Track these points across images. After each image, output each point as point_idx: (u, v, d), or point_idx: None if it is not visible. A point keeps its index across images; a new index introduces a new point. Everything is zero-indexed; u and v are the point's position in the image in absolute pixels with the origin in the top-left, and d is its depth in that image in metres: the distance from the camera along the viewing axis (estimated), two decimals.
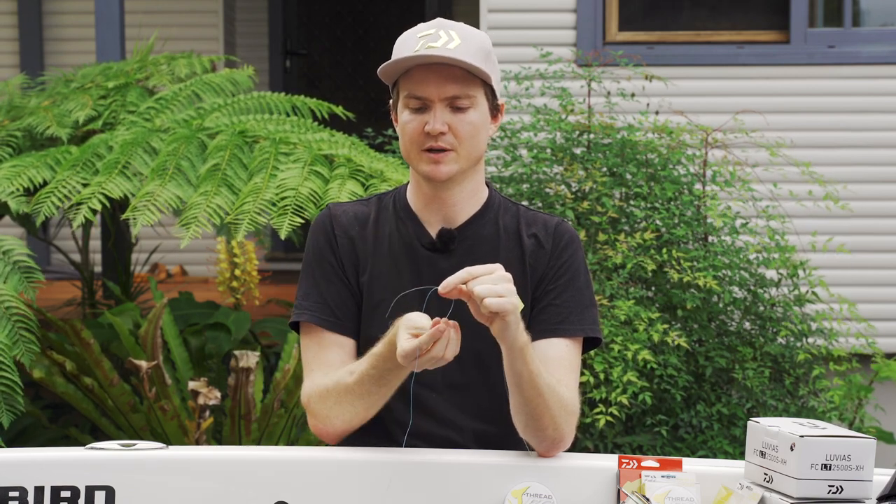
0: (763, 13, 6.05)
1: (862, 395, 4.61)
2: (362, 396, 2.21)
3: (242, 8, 7.87)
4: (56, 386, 4.09)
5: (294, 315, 2.33)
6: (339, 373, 2.24)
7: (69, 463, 2.14)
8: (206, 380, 3.92)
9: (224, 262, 5.13)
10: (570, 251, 2.33)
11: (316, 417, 2.26)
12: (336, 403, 2.23)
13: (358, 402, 2.21)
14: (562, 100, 4.77)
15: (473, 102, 2.25)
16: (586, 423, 4.07)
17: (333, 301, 2.31)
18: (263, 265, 6.62)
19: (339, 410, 2.23)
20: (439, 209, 2.33)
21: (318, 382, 2.26)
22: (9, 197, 3.85)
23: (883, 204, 5.76)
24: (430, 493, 2.14)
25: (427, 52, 2.21)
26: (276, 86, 7.94)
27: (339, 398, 2.22)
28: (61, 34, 7.22)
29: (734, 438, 4.22)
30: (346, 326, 2.29)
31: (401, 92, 2.28)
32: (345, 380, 2.22)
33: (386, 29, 8.51)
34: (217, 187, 3.83)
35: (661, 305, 4.39)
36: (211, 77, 4.70)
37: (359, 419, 2.24)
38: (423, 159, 2.26)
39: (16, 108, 4.63)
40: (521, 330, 2.09)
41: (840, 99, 5.81)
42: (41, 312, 4.10)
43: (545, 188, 4.56)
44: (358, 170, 3.95)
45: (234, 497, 2.14)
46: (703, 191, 4.61)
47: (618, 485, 2.13)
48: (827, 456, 1.95)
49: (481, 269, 2.04)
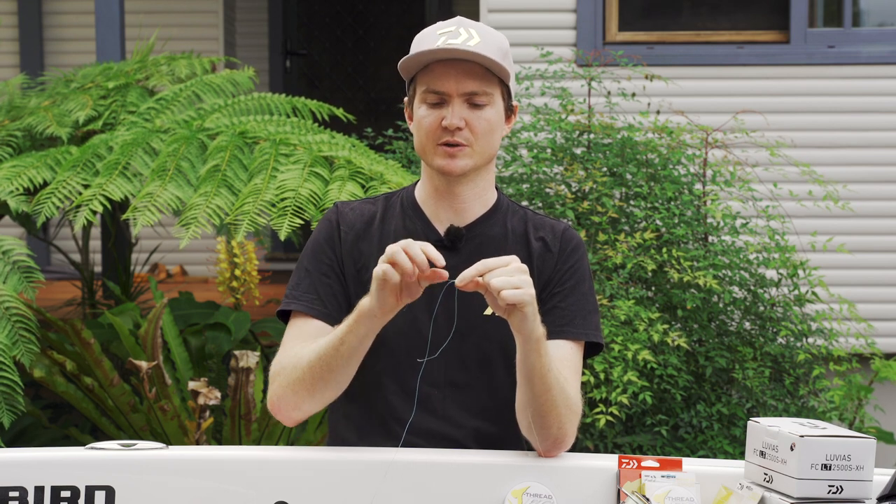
0: (763, 13, 6.05)
1: (862, 396, 4.61)
2: (321, 367, 2.18)
3: (242, 8, 7.87)
4: (56, 386, 4.09)
5: (283, 304, 2.34)
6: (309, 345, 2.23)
7: (69, 463, 2.14)
8: (206, 380, 3.92)
9: (224, 263, 5.13)
10: (576, 256, 2.35)
11: (271, 388, 2.25)
12: (294, 370, 2.21)
13: (313, 372, 2.19)
14: (562, 100, 4.77)
15: (491, 100, 2.26)
16: (586, 423, 4.07)
17: (324, 293, 2.31)
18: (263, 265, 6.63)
19: (295, 378, 2.21)
20: (449, 206, 2.34)
21: (289, 353, 2.25)
22: (8, 196, 3.85)
23: (883, 204, 5.76)
24: (430, 493, 2.14)
25: (448, 47, 2.21)
26: (276, 86, 7.94)
27: (298, 366, 2.21)
28: (61, 34, 7.22)
29: (734, 438, 4.22)
30: (334, 318, 2.29)
31: (418, 87, 2.28)
32: (311, 348, 2.21)
33: (386, 29, 8.51)
34: (217, 188, 3.83)
35: (661, 305, 4.39)
36: (211, 78, 4.70)
37: (306, 391, 2.21)
38: (438, 153, 2.27)
39: (16, 108, 4.63)
40: (538, 322, 2.09)
41: (840, 99, 5.82)
42: (41, 312, 4.10)
43: (545, 188, 4.56)
44: (358, 172, 3.95)
45: (234, 497, 2.14)
46: (703, 191, 4.61)
47: (618, 485, 2.13)
48: (827, 456, 1.95)
49: (497, 262, 2.04)
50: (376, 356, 2.28)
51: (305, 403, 2.23)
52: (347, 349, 2.15)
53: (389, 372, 2.30)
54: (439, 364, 2.26)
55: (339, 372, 2.19)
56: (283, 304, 2.33)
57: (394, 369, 2.30)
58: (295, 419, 2.27)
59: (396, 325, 2.20)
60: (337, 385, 2.21)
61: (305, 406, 2.24)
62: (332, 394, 2.23)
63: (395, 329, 2.23)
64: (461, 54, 2.22)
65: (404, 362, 2.29)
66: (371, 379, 2.31)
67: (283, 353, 2.27)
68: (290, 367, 2.22)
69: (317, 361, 2.18)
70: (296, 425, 2.35)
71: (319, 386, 2.20)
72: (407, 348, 2.28)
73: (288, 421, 2.27)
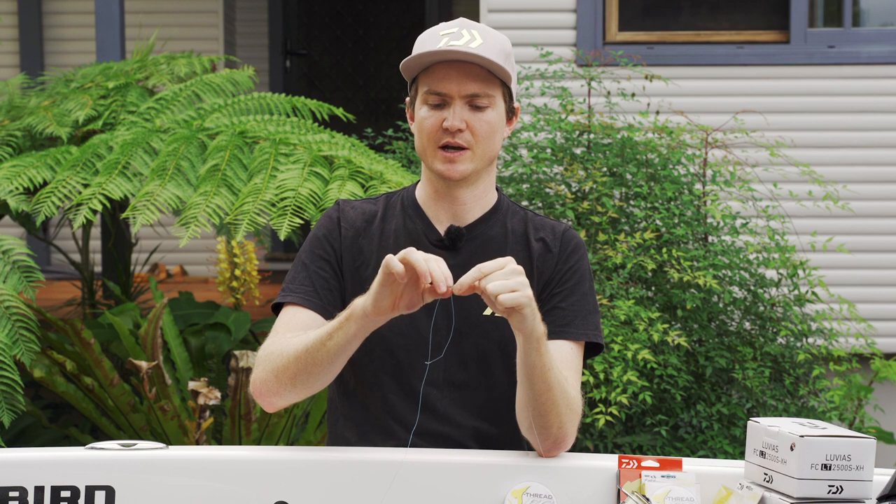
0: (763, 13, 6.05)
1: (862, 396, 4.61)
2: (306, 359, 2.17)
3: (242, 8, 7.87)
4: (56, 386, 4.09)
5: (279, 297, 2.33)
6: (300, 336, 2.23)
7: (69, 463, 2.13)
8: (206, 380, 3.92)
9: (224, 262, 5.13)
10: (576, 256, 2.35)
11: (255, 371, 2.24)
12: (279, 357, 2.20)
13: (298, 364, 2.18)
14: (562, 100, 4.77)
15: (492, 102, 2.27)
16: (586, 423, 4.07)
17: (321, 286, 2.31)
18: (263, 265, 6.63)
19: (280, 365, 2.20)
20: (449, 207, 2.34)
21: (278, 340, 2.24)
22: (8, 196, 3.85)
23: (883, 204, 5.76)
24: (430, 493, 2.14)
25: (450, 48, 2.21)
26: (276, 85, 7.94)
27: (284, 354, 2.20)
28: (61, 34, 7.22)
29: (734, 438, 4.22)
30: (328, 311, 2.28)
31: (420, 88, 2.28)
32: (300, 339, 2.19)
33: (386, 29, 8.51)
34: (217, 188, 3.83)
35: (661, 305, 4.39)
36: (211, 77, 4.70)
37: (289, 381, 2.20)
38: (438, 157, 2.27)
39: (16, 108, 4.63)
40: (538, 321, 2.09)
41: (840, 99, 5.82)
42: (41, 312, 4.10)
43: (545, 188, 4.56)
44: (358, 171, 3.95)
45: (234, 497, 2.14)
46: (703, 191, 4.61)
47: (618, 485, 2.13)
48: (827, 456, 1.95)
49: (492, 265, 2.03)
50: (375, 355, 2.29)
51: (286, 392, 2.22)
52: (335, 345, 2.14)
53: (388, 371, 2.30)
54: (438, 364, 2.26)
55: (324, 367, 2.17)
56: (279, 297, 2.33)
57: (393, 368, 2.30)
58: (275, 406, 2.26)
59: (395, 324, 2.19)
60: (319, 380, 2.20)
61: (286, 394, 2.23)
62: (313, 387, 2.22)
63: (394, 328, 2.23)
64: (463, 56, 2.22)
65: (403, 361, 2.29)
66: (370, 378, 2.31)
67: (272, 338, 2.27)
68: (276, 354, 2.21)
69: (303, 353, 2.17)
70: (275, 411, 2.34)
71: (302, 377, 2.19)
72: (406, 347, 2.29)
73: (268, 406, 2.27)
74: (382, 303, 2.06)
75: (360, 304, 2.10)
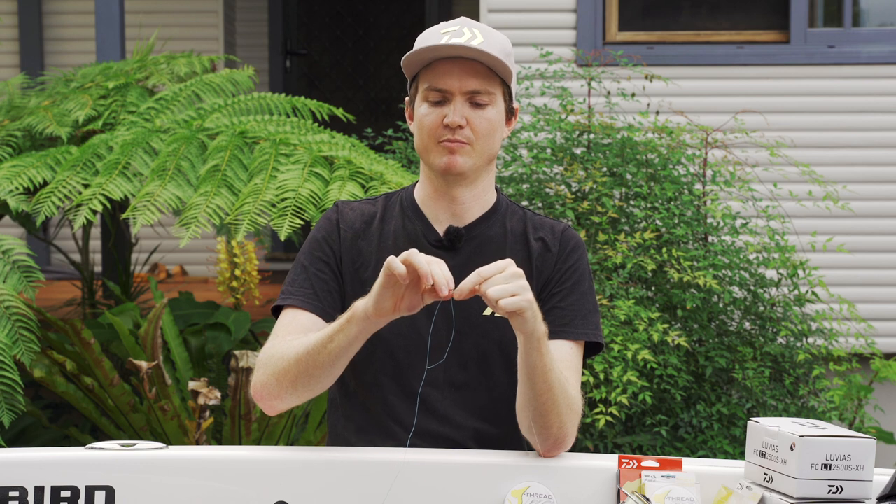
0: (763, 13, 6.05)
1: (862, 396, 4.61)
2: (307, 362, 2.16)
3: (242, 8, 7.87)
4: (56, 386, 4.09)
5: (279, 299, 2.33)
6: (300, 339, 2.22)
7: (69, 463, 2.13)
8: (206, 380, 3.92)
9: (224, 262, 5.13)
10: (576, 256, 2.35)
11: (256, 374, 2.24)
12: (280, 360, 2.20)
13: (299, 366, 2.17)
14: (562, 100, 4.77)
15: (492, 100, 2.27)
16: (586, 423, 4.07)
17: (320, 288, 2.31)
18: (263, 265, 6.63)
19: (281, 367, 2.19)
20: (448, 206, 2.34)
21: (279, 343, 2.24)
22: (8, 196, 3.85)
23: (883, 204, 5.76)
24: (430, 493, 2.14)
25: (452, 44, 2.22)
26: (276, 86, 7.94)
27: (285, 357, 2.19)
28: (61, 34, 7.22)
29: (734, 438, 4.22)
30: (328, 314, 2.28)
31: (420, 85, 2.28)
32: (300, 341, 2.19)
33: (386, 29, 8.51)
34: (217, 188, 3.83)
35: (661, 305, 4.39)
36: (211, 77, 4.70)
37: (290, 384, 2.19)
38: (438, 150, 2.26)
39: (16, 108, 4.63)
40: (538, 321, 2.09)
41: (840, 99, 5.82)
42: (41, 312, 4.10)
43: (545, 188, 4.56)
44: (358, 171, 3.95)
45: (234, 497, 2.14)
46: (703, 191, 4.61)
47: (618, 485, 2.13)
48: (827, 456, 1.95)
49: (492, 269, 2.03)
50: (375, 357, 2.29)
51: (287, 395, 2.21)
52: (336, 348, 2.14)
53: (388, 372, 2.30)
54: (439, 365, 2.26)
55: (324, 370, 2.17)
56: (279, 299, 2.33)
57: (393, 369, 2.30)
58: (277, 409, 2.25)
59: (395, 325, 2.19)
60: (320, 382, 2.20)
61: (287, 397, 2.22)
62: (315, 390, 2.21)
63: (394, 330, 2.23)
64: (464, 52, 2.22)
65: (403, 362, 2.29)
66: (370, 380, 2.31)
67: (272, 342, 2.26)
68: (276, 357, 2.21)
69: (304, 356, 2.17)
70: (276, 414, 2.33)
71: (303, 380, 2.19)
72: (406, 349, 2.29)
73: (269, 410, 2.26)
74: (384, 304, 2.06)
75: (362, 306, 2.10)
